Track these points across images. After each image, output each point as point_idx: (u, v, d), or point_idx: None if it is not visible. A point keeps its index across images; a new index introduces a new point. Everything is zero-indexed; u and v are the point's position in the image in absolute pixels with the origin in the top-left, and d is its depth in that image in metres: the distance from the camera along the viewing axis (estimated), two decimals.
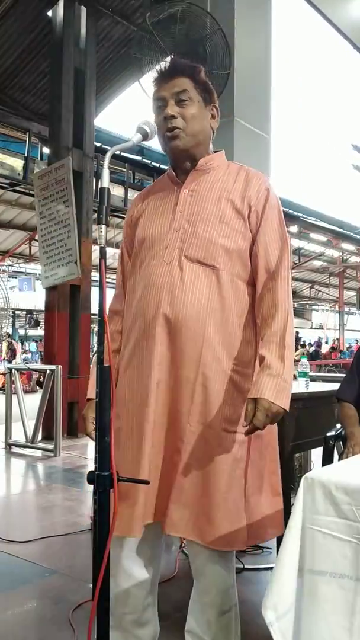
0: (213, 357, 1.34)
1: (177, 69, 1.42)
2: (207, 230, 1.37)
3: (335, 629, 1.01)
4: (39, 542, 2.84)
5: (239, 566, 2.41)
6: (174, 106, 1.39)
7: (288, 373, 1.31)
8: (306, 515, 1.08)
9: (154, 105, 1.43)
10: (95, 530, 1.09)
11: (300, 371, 2.53)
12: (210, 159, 1.46)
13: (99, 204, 1.15)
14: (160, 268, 1.37)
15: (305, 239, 16.57)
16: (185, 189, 1.43)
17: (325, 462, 2.07)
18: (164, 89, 1.40)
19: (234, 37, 3.62)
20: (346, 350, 20.52)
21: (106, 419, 1.09)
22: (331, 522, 1.05)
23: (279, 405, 1.27)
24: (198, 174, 1.44)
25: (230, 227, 1.38)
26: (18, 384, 5.66)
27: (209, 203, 1.40)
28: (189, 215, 1.40)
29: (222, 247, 1.36)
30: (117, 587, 1.39)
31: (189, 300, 1.34)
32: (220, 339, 1.35)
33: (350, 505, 1.03)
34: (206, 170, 1.45)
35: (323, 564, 1.04)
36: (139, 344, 1.37)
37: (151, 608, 1.46)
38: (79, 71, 6.38)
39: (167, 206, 1.44)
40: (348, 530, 1.03)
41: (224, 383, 1.34)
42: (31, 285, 17.14)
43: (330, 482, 1.07)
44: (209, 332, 1.33)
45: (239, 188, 1.42)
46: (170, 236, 1.39)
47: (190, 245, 1.37)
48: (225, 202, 1.40)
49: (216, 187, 1.43)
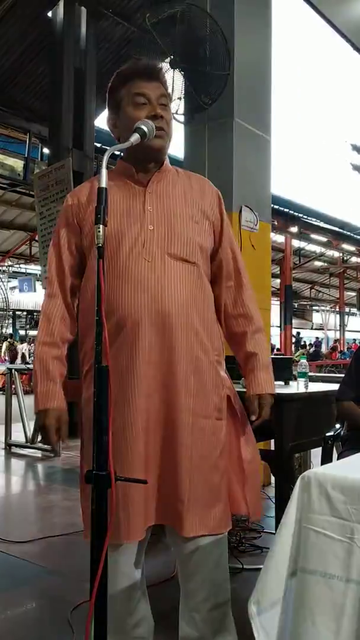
0: (202, 350, 1.40)
1: (159, 73, 1.45)
2: (185, 229, 1.41)
3: (322, 631, 0.99)
4: (38, 542, 2.84)
5: (237, 566, 2.41)
6: (159, 107, 1.40)
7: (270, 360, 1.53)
8: (302, 513, 1.08)
9: (131, 99, 1.40)
10: (93, 530, 1.09)
11: (300, 371, 2.53)
12: (166, 162, 1.49)
13: (98, 203, 1.15)
14: (141, 265, 1.35)
15: (306, 239, 16.56)
16: (149, 187, 1.43)
17: (325, 462, 2.07)
18: (147, 87, 1.41)
19: (234, 37, 3.63)
20: (346, 351, 20.51)
21: (104, 418, 1.09)
22: (325, 521, 1.04)
23: (272, 394, 1.49)
24: (160, 174, 1.46)
25: (200, 226, 1.45)
26: (18, 384, 5.67)
27: (177, 202, 1.44)
28: (160, 214, 1.41)
29: (198, 244, 1.43)
30: (113, 589, 1.38)
31: (177, 296, 1.36)
32: (204, 331, 1.41)
33: (345, 504, 1.02)
34: (166, 171, 1.48)
35: (314, 563, 1.03)
36: (127, 345, 1.34)
37: (144, 603, 1.46)
38: (79, 72, 6.39)
39: (132, 204, 1.41)
40: (341, 530, 1.02)
41: (212, 374, 1.42)
42: (31, 285, 17.14)
43: (326, 481, 1.06)
44: (196, 325, 1.39)
45: (197, 191, 1.49)
46: (145, 234, 1.38)
47: (171, 243, 1.39)
48: (191, 202, 1.45)
49: (178, 188, 1.47)
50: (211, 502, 1.37)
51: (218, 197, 1.53)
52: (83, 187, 1.51)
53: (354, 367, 2.18)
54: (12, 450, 5.38)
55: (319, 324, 27.67)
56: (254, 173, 3.82)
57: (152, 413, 1.34)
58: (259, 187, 3.88)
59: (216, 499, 1.38)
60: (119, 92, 1.43)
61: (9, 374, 5.74)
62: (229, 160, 3.64)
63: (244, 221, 3.64)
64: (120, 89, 1.43)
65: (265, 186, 3.96)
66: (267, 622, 1.06)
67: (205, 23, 3.49)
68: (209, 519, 1.36)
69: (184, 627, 1.43)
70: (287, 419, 2.20)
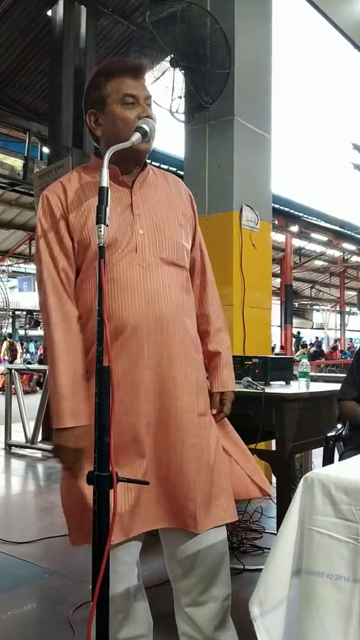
0: (195, 350, 1.44)
1: (144, 72, 1.42)
2: (174, 233, 1.42)
3: (331, 632, 0.99)
4: (39, 543, 2.84)
5: (239, 567, 2.41)
6: (147, 108, 1.38)
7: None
8: (305, 515, 1.07)
9: (120, 98, 1.36)
10: (95, 530, 1.08)
11: (301, 371, 2.53)
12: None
13: (98, 203, 1.14)
14: (136, 271, 1.34)
15: (306, 238, 16.56)
16: (135, 190, 1.41)
17: (326, 463, 2.06)
18: (136, 87, 1.38)
19: (234, 36, 3.61)
20: (347, 350, 20.51)
21: (105, 419, 1.09)
22: (329, 522, 1.04)
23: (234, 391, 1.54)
24: (142, 176, 1.44)
25: (184, 229, 1.47)
26: (18, 384, 5.66)
27: (162, 206, 1.43)
28: (148, 218, 1.39)
29: (185, 248, 1.45)
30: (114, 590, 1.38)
31: (171, 300, 1.37)
32: (194, 334, 1.46)
33: (349, 506, 1.02)
34: (147, 172, 1.46)
35: (320, 564, 1.03)
36: (125, 349, 1.32)
37: (142, 602, 1.45)
38: (79, 71, 6.37)
39: (119, 207, 1.37)
40: (346, 531, 1.02)
41: (202, 373, 1.48)
42: (31, 285, 17.16)
43: (329, 482, 1.06)
44: (188, 327, 1.42)
45: (176, 193, 1.49)
46: (137, 239, 1.36)
47: (163, 247, 1.39)
48: (174, 206, 1.46)
49: (160, 191, 1.46)
50: (216, 493, 1.40)
51: (190, 197, 1.55)
52: (57, 185, 1.44)
53: (356, 367, 2.18)
54: (12, 451, 5.37)
55: (320, 324, 27.66)
56: (255, 172, 3.81)
57: (152, 417, 1.34)
58: (259, 186, 3.87)
59: (220, 489, 1.42)
60: (103, 88, 1.39)
61: (9, 374, 5.73)
62: (230, 159, 3.63)
63: (245, 220, 3.64)
64: (105, 86, 1.39)
65: (265, 185, 3.95)
66: (271, 623, 1.06)
67: (206, 21, 3.48)
68: (217, 510, 1.40)
69: (182, 625, 1.44)
70: (289, 419, 2.19)
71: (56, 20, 6.28)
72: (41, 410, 5.31)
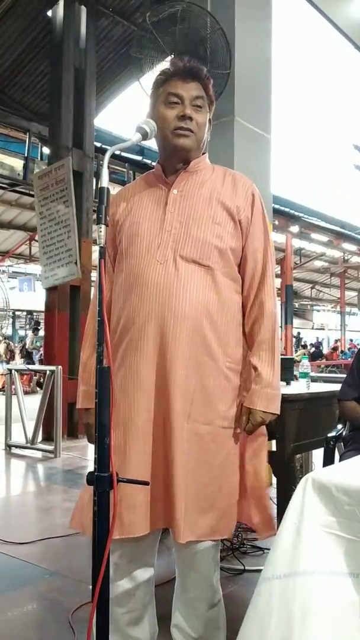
0: (210, 356, 1.36)
1: (197, 73, 1.43)
2: (201, 231, 1.38)
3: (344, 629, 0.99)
4: (39, 544, 2.83)
5: (239, 567, 2.41)
6: (190, 108, 1.40)
7: (277, 378, 1.42)
8: (305, 515, 1.07)
9: (165, 97, 1.41)
10: (95, 531, 1.08)
11: (301, 372, 2.52)
12: (199, 161, 1.48)
13: (99, 203, 1.14)
14: (153, 267, 1.36)
15: (306, 239, 16.54)
16: (174, 189, 1.43)
17: (327, 463, 2.06)
18: (182, 87, 1.40)
19: (235, 36, 3.61)
20: (347, 351, 20.50)
21: (106, 419, 1.09)
22: (330, 522, 1.04)
23: (270, 412, 1.40)
24: (187, 174, 1.45)
25: (223, 227, 1.40)
26: (18, 385, 5.66)
27: (200, 203, 1.41)
28: (180, 216, 1.40)
29: (215, 247, 1.38)
30: (116, 589, 1.38)
31: (187, 299, 1.34)
32: (216, 337, 1.38)
33: (351, 507, 1.02)
34: (195, 171, 1.46)
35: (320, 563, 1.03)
36: (133, 345, 1.36)
37: (150, 607, 1.46)
38: (79, 71, 6.38)
39: (156, 206, 1.43)
40: (348, 530, 1.02)
41: (219, 381, 1.38)
42: (31, 285, 17.14)
43: (330, 483, 1.06)
44: (206, 331, 1.36)
45: (228, 190, 1.45)
46: (162, 236, 1.39)
47: (185, 245, 1.37)
48: (216, 203, 1.42)
49: (205, 188, 1.44)
50: (205, 509, 1.34)
51: (252, 197, 1.47)
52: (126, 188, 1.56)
53: (356, 367, 2.17)
54: (12, 451, 5.37)
55: (320, 324, 27.65)
56: (255, 172, 3.80)
57: (151, 414, 1.34)
58: (259, 186, 3.80)
59: (210, 506, 1.35)
60: (158, 89, 1.44)
61: (9, 375, 5.73)
62: (230, 159, 3.62)
63: None
64: (159, 87, 1.44)
65: (265, 185, 3.95)
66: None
67: (206, 22, 3.48)
68: (199, 526, 1.33)
69: (177, 616, 1.45)
70: (289, 420, 2.19)
71: (56, 21, 6.28)
72: (41, 411, 5.31)
